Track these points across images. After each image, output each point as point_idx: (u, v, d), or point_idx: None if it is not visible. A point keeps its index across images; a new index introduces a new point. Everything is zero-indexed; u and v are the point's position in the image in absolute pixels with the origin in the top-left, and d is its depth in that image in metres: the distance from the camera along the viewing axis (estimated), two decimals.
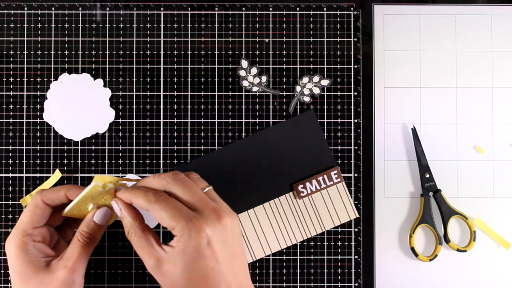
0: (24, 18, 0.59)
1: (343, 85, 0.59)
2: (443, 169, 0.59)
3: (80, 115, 0.58)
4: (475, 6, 0.60)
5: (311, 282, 0.58)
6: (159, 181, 0.47)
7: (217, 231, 0.44)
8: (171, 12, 0.59)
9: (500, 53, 0.60)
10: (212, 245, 0.44)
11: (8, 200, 0.58)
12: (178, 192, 0.46)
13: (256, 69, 0.59)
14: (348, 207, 0.58)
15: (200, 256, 0.44)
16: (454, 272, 0.59)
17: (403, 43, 0.60)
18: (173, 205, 0.45)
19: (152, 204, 0.45)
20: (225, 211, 0.46)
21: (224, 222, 0.45)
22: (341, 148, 0.59)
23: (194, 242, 0.44)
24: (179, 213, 0.44)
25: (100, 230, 0.50)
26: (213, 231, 0.44)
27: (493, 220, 0.59)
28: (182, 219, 0.44)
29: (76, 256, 0.48)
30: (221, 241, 0.45)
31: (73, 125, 0.58)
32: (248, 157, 0.58)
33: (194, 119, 0.59)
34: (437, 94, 0.59)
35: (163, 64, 0.59)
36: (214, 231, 0.44)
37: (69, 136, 0.58)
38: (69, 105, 0.58)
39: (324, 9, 0.59)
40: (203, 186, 0.48)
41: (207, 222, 0.44)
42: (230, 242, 0.45)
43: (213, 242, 0.44)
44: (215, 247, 0.44)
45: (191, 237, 0.44)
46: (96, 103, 0.58)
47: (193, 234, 0.44)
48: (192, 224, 0.44)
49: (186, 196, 0.46)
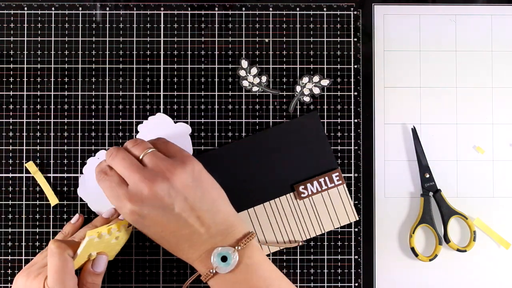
0: (24, 18, 0.59)
1: (343, 85, 0.59)
2: (443, 169, 0.59)
3: None
4: (475, 6, 0.60)
5: (311, 282, 0.58)
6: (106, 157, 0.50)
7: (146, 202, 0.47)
8: (171, 12, 0.59)
9: (500, 53, 0.60)
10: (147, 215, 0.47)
11: (8, 200, 0.58)
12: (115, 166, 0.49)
13: (256, 69, 0.59)
14: (348, 210, 0.58)
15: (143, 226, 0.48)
16: (454, 272, 0.59)
17: (403, 43, 0.60)
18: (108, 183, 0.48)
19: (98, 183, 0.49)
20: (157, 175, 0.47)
21: (153, 191, 0.46)
22: (341, 148, 0.59)
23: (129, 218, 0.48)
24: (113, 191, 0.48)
25: (100, 277, 0.50)
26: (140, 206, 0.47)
27: (493, 220, 0.59)
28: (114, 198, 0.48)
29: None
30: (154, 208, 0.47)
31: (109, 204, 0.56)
32: (249, 156, 0.58)
33: (194, 119, 0.59)
34: (437, 94, 0.59)
35: (163, 64, 0.59)
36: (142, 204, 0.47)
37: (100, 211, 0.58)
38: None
39: (324, 9, 0.59)
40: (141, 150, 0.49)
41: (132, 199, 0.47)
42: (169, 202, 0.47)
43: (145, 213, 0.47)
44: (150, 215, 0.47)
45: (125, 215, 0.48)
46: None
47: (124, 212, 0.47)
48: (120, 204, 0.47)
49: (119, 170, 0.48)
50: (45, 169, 0.58)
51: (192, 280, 0.55)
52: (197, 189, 0.48)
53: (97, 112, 0.58)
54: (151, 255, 0.58)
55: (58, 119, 0.58)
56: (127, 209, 0.47)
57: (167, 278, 0.58)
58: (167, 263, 0.58)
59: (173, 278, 0.58)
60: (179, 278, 0.58)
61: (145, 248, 0.58)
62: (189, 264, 0.58)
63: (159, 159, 0.48)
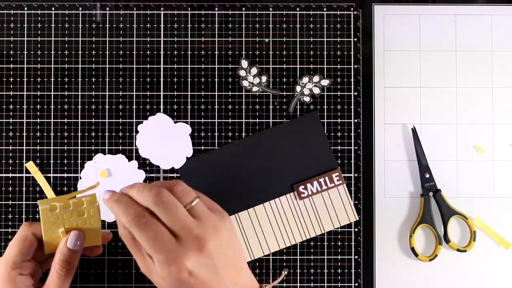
0: (24, 18, 0.59)
1: (343, 85, 0.59)
2: (443, 169, 0.59)
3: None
4: (475, 6, 0.60)
5: (311, 282, 0.58)
6: (142, 199, 0.44)
7: (199, 260, 0.43)
8: (171, 12, 0.59)
9: (500, 53, 0.60)
10: (195, 274, 0.43)
11: (8, 200, 0.58)
12: (160, 215, 0.44)
13: (256, 69, 0.59)
14: (349, 210, 0.58)
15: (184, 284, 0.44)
16: (454, 272, 0.59)
17: (403, 43, 0.60)
18: (153, 235, 0.43)
19: (132, 229, 0.43)
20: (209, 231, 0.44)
21: (207, 247, 0.43)
22: (341, 148, 0.59)
23: (175, 275, 0.43)
24: (158, 245, 0.43)
25: (76, 255, 0.49)
26: (194, 262, 0.43)
27: (493, 220, 0.59)
28: (161, 252, 0.43)
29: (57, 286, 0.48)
30: (205, 266, 0.44)
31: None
32: (249, 156, 0.58)
33: (194, 119, 0.59)
34: (437, 94, 0.59)
35: (163, 64, 0.59)
36: (196, 261, 0.43)
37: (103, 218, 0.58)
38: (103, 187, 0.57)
39: (324, 9, 0.59)
40: (189, 200, 0.45)
41: (187, 254, 0.43)
42: (217, 262, 0.44)
43: (195, 272, 0.43)
44: (199, 275, 0.44)
45: (171, 272, 0.43)
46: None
47: (172, 269, 0.43)
48: (171, 260, 0.43)
49: (168, 222, 0.43)
50: (45, 169, 0.58)
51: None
52: (232, 246, 0.47)
53: (97, 112, 0.58)
54: None
55: (58, 119, 0.58)
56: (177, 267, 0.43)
57: None
58: None
59: None
60: None
61: None
62: None
63: (207, 213, 0.45)
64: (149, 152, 0.58)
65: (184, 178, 0.58)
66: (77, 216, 0.49)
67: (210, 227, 0.45)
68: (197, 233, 0.43)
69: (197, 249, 0.43)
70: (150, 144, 0.58)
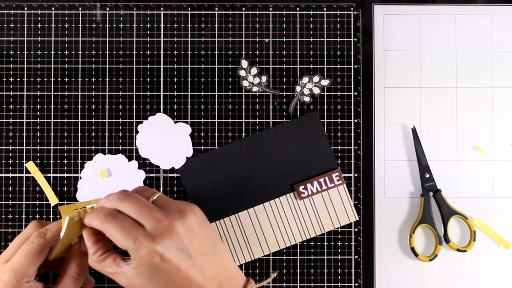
0: (24, 18, 0.59)
1: (343, 85, 0.59)
2: (443, 169, 0.59)
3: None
4: (475, 6, 0.60)
5: (311, 282, 0.58)
6: (109, 201, 0.47)
7: (168, 243, 0.44)
8: (171, 12, 0.59)
9: (500, 53, 0.60)
10: (167, 258, 0.44)
11: (8, 200, 0.58)
12: (126, 209, 0.46)
13: (256, 69, 0.59)
14: (349, 210, 0.58)
15: (159, 272, 0.44)
16: (454, 272, 0.59)
17: (403, 43, 0.60)
18: (121, 224, 0.44)
19: (104, 225, 0.45)
20: (175, 216, 0.45)
21: (175, 229, 0.44)
22: (341, 148, 0.59)
23: (147, 262, 0.44)
24: (127, 232, 0.44)
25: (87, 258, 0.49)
26: (163, 245, 0.44)
27: (493, 220, 0.59)
28: (130, 239, 0.44)
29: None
30: (176, 249, 0.44)
31: None
32: (249, 156, 0.58)
33: (194, 119, 0.59)
34: (437, 94, 0.59)
35: (163, 64, 0.59)
36: (165, 244, 0.44)
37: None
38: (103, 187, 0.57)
39: (324, 9, 0.59)
40: (149, 194, 0.48)
41: (155, 238, 0.44)
42: (187, 246, 0.45)
43: (166, 255, 0.44)
44: (171, 258, 0.44)
45: (142, 257, 0.44)
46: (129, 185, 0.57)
47: (143, 254, 0.44)
48: (139, 244, 0.43)
49: (132, 212, 0.45)
50: (45, 169, 0.58)
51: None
52: (205, 232, 0.47)
53: (97, 112, 0.58)
54: None
55: (58, 119, 0.58)
56: (146, 250, 0.43)
57: None
58: None
59: None
60: None
61: None
62: None
63: (171, 201, 0.47)
64: (149, 152, 0.58)
65: (184, 178, 0.58)
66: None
67: (176, 211, 0.46)
68: (161, 217, 0.45)
69: (164, 232, 0.44)
70: (150, 144, 0.58)
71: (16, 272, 0.47)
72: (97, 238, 0.47)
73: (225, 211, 0.58)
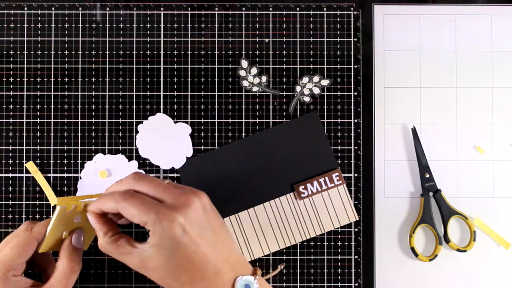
0: (24, 18, 0.59)
1: (343, 85, 0.59)
2: (443, 169, 0.59)
3: None
4: (475, 6, 0.60)
5: (311, 282, 0.58)
6: (123, 184, 0.47)
7: (189, 215, 0.45)
8: (171, 12, 0.59)
9: (500, 53, 0.60)
10: (188, 231, 0.44)
11: (8, 200, 0.58)
12: (142, 188, 0.46)
13: (256, 69, 0.59)
14: (348, 210, 0.58)
15: (179, 245, 0.44)
16: (454, 272, 0.59)
17: (403, 43, 0.60)
18: (140, 200, 0.45)
19: (120, 203, 0.45)
20: (191, 193, 0.46)
21: (194, 204, 0.45)
22: (341, 148, 0.59)
23: (169, 233, 0.44)
24: (147, 206, 0.44)
25: (80, 252, 0.50)
26: (185, 217, 0.44)
27: (493, 220, 0.59)
28: (151, 212, 0.44)
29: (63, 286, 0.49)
30: (196, 223, 0.45)
31: None
32: (249, 156, 0.58)
33: (194, 119, 0.59)
34: (437, 94, 0.59)
35: (163, 64, 0.59)
36: (186, 216, 0.44)
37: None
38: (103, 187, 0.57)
39: (324, 9, 0.59)
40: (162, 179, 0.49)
41: (177, 210, 0.44)
42: (205, 222, 0.46)
43: (188, 228, 0.44)
44: (191, 231, 0.44)
45: (165, 229, 0.44)
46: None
47: (165, 225, 0.44)
48: (162, 216, 0.44)
49: (150, 190, 0.46)
50: (45, 169, 0.58)
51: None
52: (216, 215, 0.48)
53: (97, 112, 0.58)
54: None
55: (58, 119, 0.58)
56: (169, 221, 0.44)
57: None
58: None
59: None
60: None
61: None
62: None
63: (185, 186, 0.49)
64: (149, 152, 0.58)
65: (184, 178, 0.58)
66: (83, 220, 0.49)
67: (191, 192, 0.47)
68: (180, 192, 0.46)
69: (185, 205, 0.45)
70: (150, 144, 0.58)
71: (2, 264, 0.47)
72: (105, 219, 0.47)
73: (225, 211, 0.58)
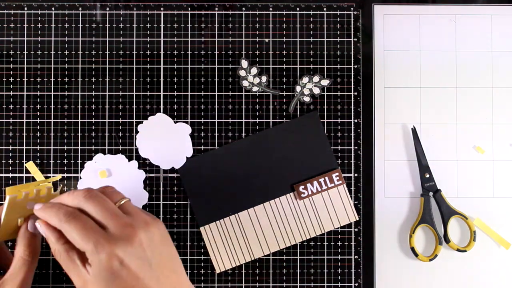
0: (24, 18, 0.59)
1: (343, 85, 0.59)
2: (443, 169, 0.59)
3: None
4: (475, 6, 0.60)
5: (311, 282, 0.58)
6: (72, 198, 0.45)
7: (129, 249, 0.43)
8: (171, 12, 0.59)
9: (500, 53, 0.60)
10: (127, 264, 0.43)
11: None
12: (89, 209, 0.44)
13: (256, 69, 0.59)
14: (349, 210, 0.58)
15: (117, 277, 0.43)
16: (454, 272, 0.59)
17: (403, 43, 0.60)
18: (81, 225, 0.43)
19: (62, 224, 0.44)
20: (139, 225, 0.44)
21: (138, 237, 0.43)
22: (341, 148, 0.59)
23: (106, 265, 0.42)
24: (87, 234, 0.43)
25: (38, 239, 0.49)
26: (124, 250, 0.43)
27: (493, 220, 0.59)
28: (90, 241, 0.42)
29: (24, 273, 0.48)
30: (137, 257, 0.43)
31: None
32: (249, 156, 0.58)
33: (194, 119, 0.59)
34: (437, 94, 0.59)
35: (163, 64, 0.59)
36: (126, 249, 0.43)
37: None
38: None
39: (324, 9, 0.59)
40: (118, 199, 0.46)
41: (117, 242, 0.43)
42: (149, 255, 0.44)
43: (127, 261, 0.43)
44: (131, 265, 0.43)
45: (101, 261, 0.42)
46: (129, 185, 0.57)
47: (102, 257, 0.42)
48: (100, 247, 0.42)
49: (97, 213, 0.44)
50: (45, 169, 0.58)
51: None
52: (166, 248, 0.46)
53: (97, 112, 0.58)
54: None
55: (58, 119, 0.58)
56: (106, 254, 0.42)
57: None
58: None
59: None
60: None
61: None
62: (188, 263, 0.58)
63: (137, 210, 0.46)
64: (149, 152, 0.58)
65: (184, 178, 0.58)
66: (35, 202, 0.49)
67: (141, 221, 0.45)
68: (126, 222, 0.44)
69: (127, 238, 0.43)
70: (150, 144, 0.58)
71: None
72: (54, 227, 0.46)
73: (225, 211, 0.58)
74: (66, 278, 0.57)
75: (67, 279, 0.57)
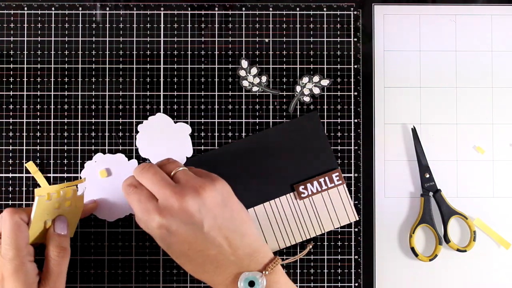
0: (24, 18, 0.59)
1: (343, 85, 0.59)
2: (443, 169, 0.59)
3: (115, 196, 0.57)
4: (475, 6, 0.60)
5: (311, 282, 0.58)
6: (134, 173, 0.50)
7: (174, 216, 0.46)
8: (171, 12, 0.59)
9: (500, 53, 0.60)
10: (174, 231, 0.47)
11: (8, 200, 0.58)
12: (143, 181, 0.48)
13: (256, 69, 0.59)
14: (349, 210, 0.58)
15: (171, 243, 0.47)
16: (454, 272, 0.59)
17: (403, 43, 0.60)
18: (137, 197, 0.48)
19: (126, 196, 0.49)
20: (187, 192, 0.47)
21: (184, 205, 0.46)
22: (341, 148, 0.59)
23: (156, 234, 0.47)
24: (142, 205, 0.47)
25: (66, 238, 0.51)
26: (168, 219, 0.46)
27: (493, 220, 0.59)
28: (144, 212, 0.47)
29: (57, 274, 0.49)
30: (184, 223, 0.46)
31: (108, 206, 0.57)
32: (249, 156, 0.58)
33: (194, 119, 0.59)
34: (437, 94, 0.59)
35: (163, 64, 0.59)
36: (171, 217, 0.46)
37: (104, 217, 0.57)
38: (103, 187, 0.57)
39: (324, 9, 0.59)
40: (172, 168, 0.49)
41: (162, 211, 0.46)
42: (198, 220, 0.46)
43: (174, 228, 0.46)
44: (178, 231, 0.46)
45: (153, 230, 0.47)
46: None
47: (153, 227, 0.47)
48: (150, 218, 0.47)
49: (148, 185, 0.48)
50: (45, 169, 0.58)
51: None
52: (226, 209, 0.48)
53: (97, 112, 0.58)
54: (151, 255, 0.58)
55: (58, 119, 0.58)
56: (156, 223, 0.46)
57: (167, 278, 0.58)
58: (167, 263, 0.58)
59: (173, 278, 0.58)
60: (179, 278, 0.58)
61: (145, 248, 0.58)
62: None
63: (190, 177, 0.48)
64: (149, 152, 0.58)
65: None
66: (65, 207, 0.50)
67: (190, 187, 0.47)
68: (173, 191, 0.46)
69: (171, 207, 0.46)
70: (150, 144, 0.58)
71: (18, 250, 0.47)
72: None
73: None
74: (94, 278, 0.57)
75: (95, 279, 0.57)
